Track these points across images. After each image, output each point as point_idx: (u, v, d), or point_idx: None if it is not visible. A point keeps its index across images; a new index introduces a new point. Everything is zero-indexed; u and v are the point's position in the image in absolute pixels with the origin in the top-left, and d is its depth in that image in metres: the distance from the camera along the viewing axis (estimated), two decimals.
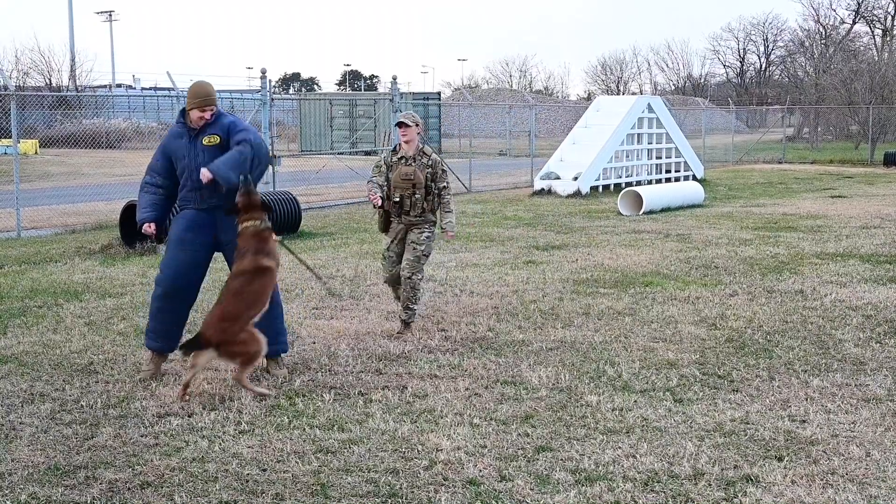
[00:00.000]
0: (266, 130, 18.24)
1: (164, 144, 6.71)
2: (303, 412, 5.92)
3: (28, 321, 8.38)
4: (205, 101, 6.56)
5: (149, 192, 6.72)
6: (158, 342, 6.72)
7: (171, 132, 6.73)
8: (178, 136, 6.66)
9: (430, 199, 7.77)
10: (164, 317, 6.70)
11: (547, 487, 4.77)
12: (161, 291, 6.68)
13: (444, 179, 7.79)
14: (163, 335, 6.72)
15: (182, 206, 6.75)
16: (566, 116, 54.21)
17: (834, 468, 5.01)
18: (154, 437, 5.48)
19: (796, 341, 7.66)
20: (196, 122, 6.59)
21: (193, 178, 6.57)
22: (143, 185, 6.74)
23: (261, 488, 4.76)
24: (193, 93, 6.59)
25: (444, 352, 7.35)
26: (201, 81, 6.74)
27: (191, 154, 6.59)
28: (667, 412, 5.91)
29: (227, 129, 6.62)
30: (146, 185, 6.73)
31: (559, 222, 16.20)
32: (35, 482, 4.84)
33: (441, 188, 7.78)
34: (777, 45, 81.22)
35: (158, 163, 6.71)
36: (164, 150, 6.69)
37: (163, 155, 6.69)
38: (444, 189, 7.79)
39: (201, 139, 6.59)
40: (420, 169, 7.70)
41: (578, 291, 9.70)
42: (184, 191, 6.69)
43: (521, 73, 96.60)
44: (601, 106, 24.34)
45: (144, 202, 6.72)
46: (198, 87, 6.64)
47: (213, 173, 6.38)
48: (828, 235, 14.12)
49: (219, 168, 6.39)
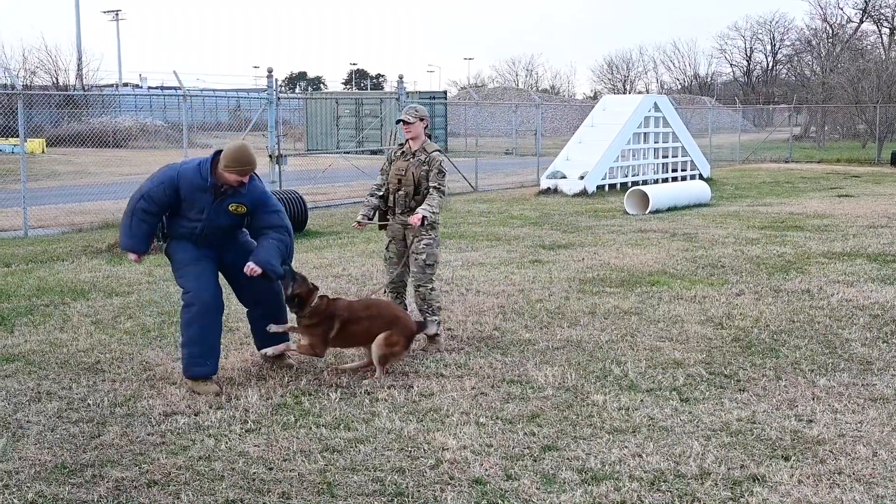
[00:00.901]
0: (272, 129, 18.24)
1: (180, 188, 6.30)
2: (309, 411, 5.92)
3: (35, 320, 8.40)
4: (247, 168, 6.28)
5: (146, 220, 6.37)
6: (209, 364, 6.39)
7: (191, 181, 6.30)
8: (201, 190, 6.29)
9: (419, 198, 7.43)
10: (207, 336, 6.39)
11: (553, 487, 4.77)
12: (198, 309, 6.35)
13: (437, 179, 7.36)
14: (210, 355, 6.42)
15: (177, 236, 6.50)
16: (572, 115, 54.18)
17: (841, 468, 5.00)
18: (161, 436, 5.49)
19: (803, 341, 7.64)
20: (227, 184, 6.31)
21: (209, 232, 6.42)
22: (137, 210, 6.35)
23: (267, 487, 4.77)
24: (236, 158, 6.23)
25: (450, 351, 7.35)
26: (245, 145, 6.39)
27: (211, 213, 6.36)
28: (673, 411, 5.90)
29: (255, 204, 6.43)
30: (143, 212, 6.35)
31: (565, 221, 16.19)
32: (42, 480, 4.85)
33: (433, 186, 7.37)
34: (784, 44, 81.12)
35: (165, 197, 6.32)
36: (177, 192, 6.31)
37: (174, 193, 6.31)
38: (434, 188, 7.36)
39: (227, 204, 6.36)
40: (415, 166, 7.41)
41: (584, 290, 9.69)
42: (187, 230, 6.44)
43: (528, 72, 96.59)
44: (607, 105, 24.32)
45: (140, 231, 6.39)
46: (242, 153, 6.28)
47: (262, 268, 6.30)
48: (835, 235, 14.08)
49: (268, 263, 6.33)
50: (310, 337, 6.68)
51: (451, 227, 15.25)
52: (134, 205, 6.40)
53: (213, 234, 6.50)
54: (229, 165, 6.24)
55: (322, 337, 6.67)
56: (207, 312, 6.38)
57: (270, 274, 6.37)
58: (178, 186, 6.31)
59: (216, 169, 6.30)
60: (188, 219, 6.43)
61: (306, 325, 6.68)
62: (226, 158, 6.25)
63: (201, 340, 6.37)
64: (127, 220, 6.43)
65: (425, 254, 7.47)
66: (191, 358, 6.36)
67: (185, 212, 6.41)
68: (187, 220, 6.43)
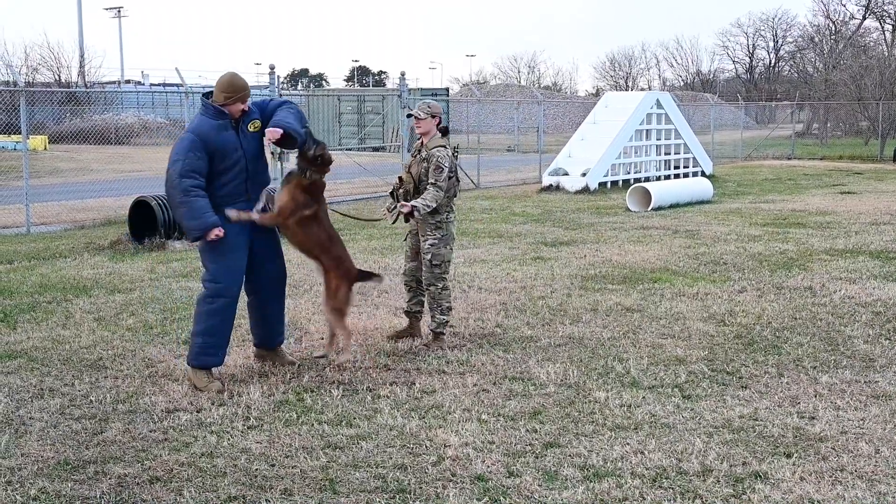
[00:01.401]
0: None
1: (206, 142, 6.20)
2: (311, 408, 5.93)
3: (37, 316, 8.41)
4: (246, 92, 6.33)
5: (200, 195, 6.15)
6: (219, 355, 6.43)
7: (207, 127, 6.25)
8: (222, 129, 6.26)
9: (419, 195, 7.35)
10: (226, 328, 6.42)
11: (555, 483, 4.77)
12: (225, 302, 6.35)
13: (434, 175, 7.26)
14: (223, 346, 6.46)
15: (226, 202, 6.34)
16: (574, 112, 54.16)
17: (843, 465, 5.00)
18: (163, 433, 5.49)
19: (805, 338, 7.64)
20: (237, 114, 6.33)
21: (250, 167, 6.38)
22: (186, 189, 6.11)
23: (269, 483, 4.78)
24: (234, 86, 6.27)
25: (452, 348, 7.35)
26: (234, 73, 6.44)
27: (243, 145, 6.34)
28: (675, 408, 5.90)
29: (260, 110, 6.49)
30: (194, 188, 6.13)
31: (567, 218, 16.18)
32: (44, 477, 4.86)
33: (430, 182, 7.27)
34: (786, 41, 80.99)
35: (201, 162, 6.16)
36: (205, 147, 6.19)
37: (205, 153, 6.18)
38: (432, 183, 7.26)
39: (246, 127, 6.37)
40: (417, 163, 7.40)
41: (587, 287, 9.69)
42: (232, 184, 6.33)
43: (530, 68, 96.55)
44: (610, 102, 24.30)
45: (202, 206, 6.14)
46: (236, 79, 6.34)
47: (283, 128, 6.25)
48: (837, 232, 14.08)
49: (288, 123, 6.30)
50: (288, 197, 6.54)
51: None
52: (180, 188, 6.13)
53: (255, 170, 6.43)
54: (230, 96, 6.26)
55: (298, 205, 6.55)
56: (231, 306, 6.41)
57: (293, 133, 6.30)
58: (205, 142, 6.21)
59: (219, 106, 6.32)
60: (226, 172, 6.30)
61: (296, 185, 6.57)
62: (224, 92, 6.27)
63: (221, 332, 6.39)
64: (183, 208, 6.17)
65: (430, 253, 7.43)
66: (204, 347, 6.35)
67: (220, 166, 6.27)
68: (226, 174, 6.30)
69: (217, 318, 6.36)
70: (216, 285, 6.36)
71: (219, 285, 6.36)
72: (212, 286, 6.37)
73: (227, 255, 6.37)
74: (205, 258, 6.46)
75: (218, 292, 6.36)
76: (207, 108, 6.34)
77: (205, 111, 6.35)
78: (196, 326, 6.42)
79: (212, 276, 6.39)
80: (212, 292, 6.36)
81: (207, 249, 6.37)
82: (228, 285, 6.39)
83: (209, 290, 6.38)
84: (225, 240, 6.28)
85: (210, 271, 6.41)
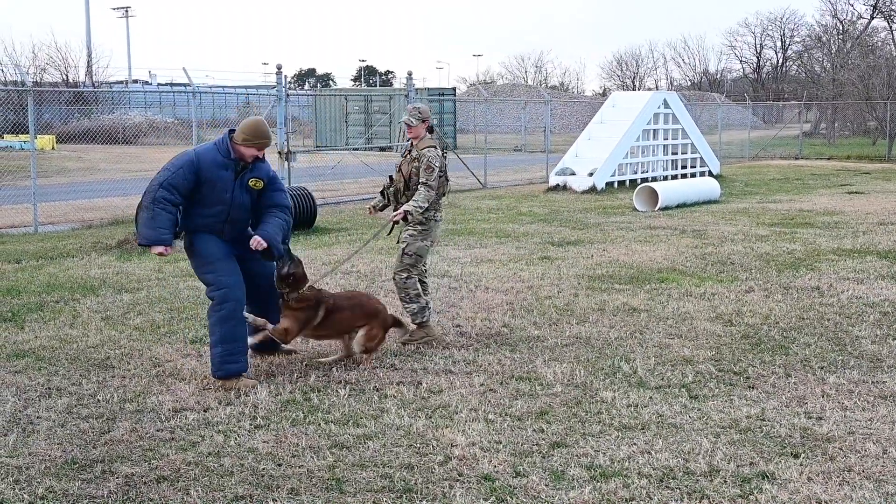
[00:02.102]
0: (281, 126, 18.26)
1: (201, 169, 6.28)
2: (318, 407, 5.93)
3: (45, 316, 8.43)
4: (264, 142, 6.40)
5: (167, 210, 6.23)
6: (241, 361, 6.43)
7: (211, 160, 6.34)
8: (222, 168, 6.34)
9: (410, 194, 7.43)
10: (239, 331, 6.43)
11: (562, 483, 4.77)
12: (232, 306, 6.39)
13: (424, 175, 7.33)
14: (243, 351, 6.47)
15: (198, 230, 6.45)
16: (582, 112, 54.13)
17: (850, 465, 4.99)
18: (170, 432, 5.50)
19: (813, 338, 7.62)
20: (247, 159, 6.38)
21: (234, 213, 6.44)
22: (158, 199, 6.20)
23: (276, 483, 4.78)
24: (255, 131, 6.35)
25: (458, 347, 7.35)
26: (261, 120, 6.51)
27: (234, 191, 6.40)
28: (682, 408, 5.89)
29: (268, 179, 6.55)
30: (164, 201, 6.21)
31: (574, 218, 16.17)
32: (52, 476, 4.87)
33: (420, 182, 7.34)
34: (794, 41, 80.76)
35: (185, 182, 6.25)
36: (198, 174, 6.27)
37: (195, 177, 6.27)
38: (423, 183, 7.33)
39: (247, 179, 6.43)
40: (407, 163, 7.47)
41: (593, 287, 9.68)
42: (209, 219, 6.41)
43: (537, 68, 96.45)
44: (617, 101, 24.27)
45: (163, 221, 6.22)
46: (259, 126, 6.40)
47: (267, 242, 6.38)
48: (845, 232, 14.04)
49: (273, 238, 6.42)
50: (290, 321, 6.68)
51: (460, 224, 15.25)
52: (154, 195, 6.22)
53: (237, 218, 6.50)
54: (248, 139, 6.33)
55: (301, 323, 6.71)
56: (238, 309, 6.45)
57: (273, 249, 6.44)
58: (199, 168, 6.28)
59: (233, 145, 6.37)
60: (209, 206, 6.37)
61: (291, 309, 6.69)
62: (244, 133, 6.33)
63: (235, 337, 6.40)
64: (147, 213, 6.26)
65: (406, 243, 7.50)
66: (224, 356, 6.35)
67: (205, 197, 6.35)
68: (208, 207, 6.38)
69: (230, 324, 6.38)
70: (220, 291, 6.41)
71: (222, 291, 6.40)
72: (216, 294, 6.42)
73: (218, 263, 6.44)
74: (200, 273, 6.55)
75: (223, 298, 6.40)
76: (222, 143, 6.41)
77: (219, 144, 6.43)
78: (212, 338, 6.44)
79: (213, 285, 6.44)
80: (218, 299, 6.42)
81: (198, 264, 6.50)
82: (231, 287, 6.42)
83: (215, 298, 6.43)
84: (207, 251, 6.42)
85: (210, 281, 6.47)
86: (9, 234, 14.51)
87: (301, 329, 6.73)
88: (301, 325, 6.71)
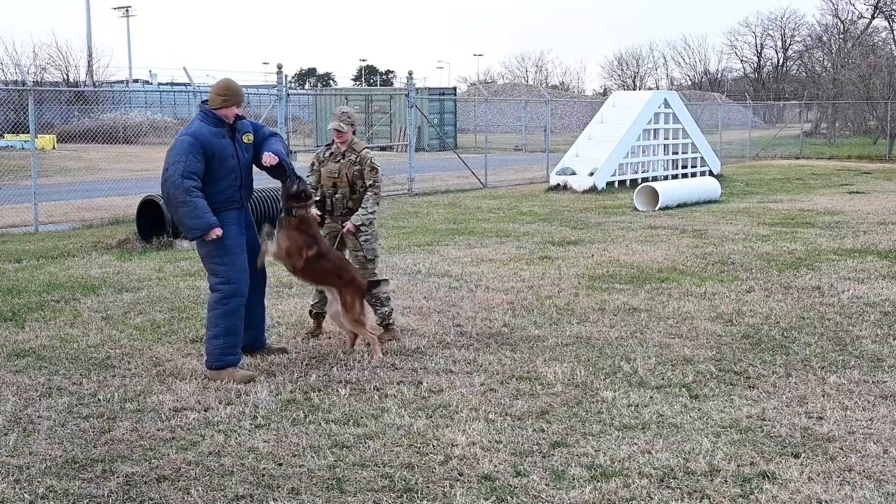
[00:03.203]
0: (282, 125, 18.26)
1: (204, 145, 6.35)
2: (318, 407, 5.93)
3: (46, 315, 8.43)
4: (241, 96, 6.59)
5: (200, 196, 6.31)
6: (237, 353, 6.62)
7: (208, 133, 6.41)
8: (220, 136, 6.45)
9: (356, 197, 7.44)
10: (240, 325, 6.61)
11: (562, 483, 4.77)
12: (239, 302, 6.54)
13: (371, 177, 7.38)
14: (239, 343, 6.66)
15: (221, 208, 6.48)
16: (582, 112, 54.12)
17: (851, 465, 4.98)
18: (170, 431, 5.50)
19: (813, 338, 7.62)
20: (231, 117, 6.53)
21: (244, 175, 6.59)
22: (188, 189, 6.26)
23: (276, 482, 4.78)
24: (229, 89, 6.54)
25: (459, 347, 7.35)
26: (228, 78, 6.74)
27: (237, 154, 6.53)
28: (682, 408, 5.89)
29: (253, 129, 6.72)
30: (194, 189, 6.28)
31: (575, 218, 16.17)
32: (52, 475, 4.87)
33: (368, 185, 7.40)
34: (795, 40, 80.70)
35: (199, 164, 6.31)
36: (204, 151, 6.34)
37: (203, 156, 6.34)
38: (370, 186, 7.39)
39: (240, 137, 6.59)
40: (347, 167, 7.42)
41: (594, 287, 9.68)
42: (227, 191, 6.50)
43: (537, 68, 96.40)
44: (617, 101, 24.27)
45: (203, 207, 6.31)
46: (232, 84, 6.62)
47: (279, 157, 6.55)
48: (845, 231, 14.04)
49: (281, 153, 6.61)
50: (288, 240, 6.81)
51: (461, 224, 15.25)
52: (183, 188, 6.27)
53: (248, 180, 6.67)
54: (227, 98, 6.51)
55: (298, 245, 6.80)
56: (243, 304, 6.61)
57: (284, 164, 6.61)
58: (203, 145, 6.38)
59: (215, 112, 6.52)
60: (221, 178, 6.47)
61: (293, 229, 6.81)
62: (221, 95, 6.52)
63: (236, 331, 6.58)
64: (186, 207, 6.30)
65: (364, 250, 7.50)
66: (225, 348, 6.51)
67: (216, 171, 6.43)
68: (221, 180, 6.48)
69: (234, 318, 6.54)
70: (230, 286, 6.50)
71: (232, 286, 6.51)
72: (226, 288, 6.50)
73: (232, 256, 6.52)
74: (212, 262, 6.56)
75: (232, 293, 6.51)
76: (206, 115, 6.53)
77: (203, 117, 6.53)
78: (214, 329, 6.51)
79: (224, 279, 6.51)
80: (226, 293, 6.50)
81: (214, 253, 6.50)
82: (240, 285, 6.55)
83: (224, 292, 6.50)
84: (229, 241, 6.48)
85: (220, 274, 6.52)
86: (9, 233, 14.51)
87: (297, 252, 6.80)
88: (298, 248, 6.80)
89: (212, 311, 6.55)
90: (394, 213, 16.90)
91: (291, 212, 6.82)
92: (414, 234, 14.00)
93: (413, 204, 18.62)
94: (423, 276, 10.24)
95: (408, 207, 17.92)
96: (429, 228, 14.68)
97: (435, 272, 10.48)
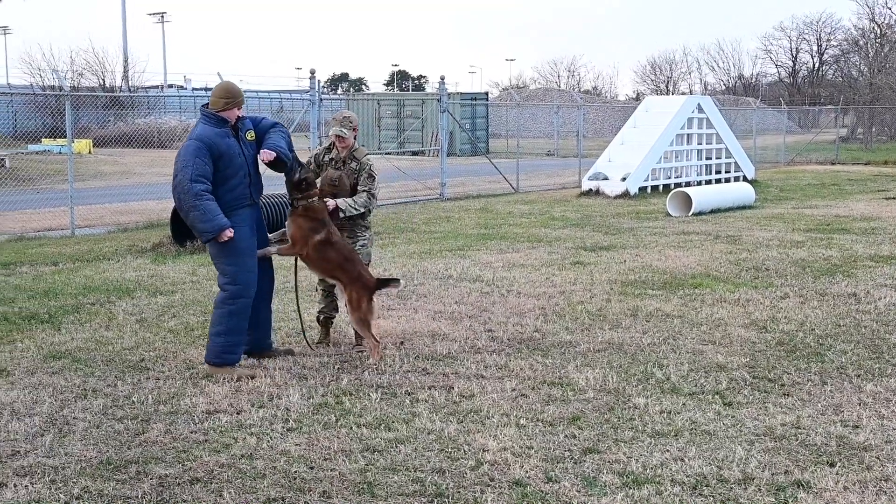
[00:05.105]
0: (315, 130, 18.36)
1: (211, 147, 6.50)
2: (350, 411, 5.95)
3: (81, 318, 8.52)
4: (241, 97, 6.76)
5: (210, 199, 6.47)
6: (238, 352, 6.79)
7: (212, 135, 6.55)
8: (225, 137, 6.62)
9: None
10: (244, 325, 6.77)
11: (594, 490, 4.75)
12: (245, 302, 6.70)
13: (367, 183, 7.37)
14: (241, 342, 6.82)
15: (233, 206, 6.64)
16: (615, 117, 53.85)
17: (888, 474, 4.92)
18: (203, 434, 5.54)
19: (849, 345, 7.53)
20: (233, 119, 6.69)
21: (252, 171, 6.75)
22: (198, 193, 6.42)
23: (308, 486, 4.80)
24: (230, 92, 6.72)
25: (490, 352, 7.35)
26: (228, 81, 6.99)
27: (243, 152, 6.70)
28: (716, 415, 5.84)
29: (254, 125, 6.88)
30: (204, 192, 6.45)
31: (607, 223, 16.10)
32: (87, 476, 4.92)
33: (362, 189, 7.36)
34: (830, 45, 79.87)
35: (207, 167, 6.47)
36: (211, 153, 6.50)
37: (210, 159, 6.49)
38: (366, 191, 7.37)
39: (244, 135, 6.75)
40: (347, 174, 7.40)
41: (626, 293, 9.63)
42: (237, 189, 6.66)
43: (570, 73, 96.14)
44: (650, 106, 24.15)
45: (213, 209, 6.45)
46: (233, 87, 6.80)
47: (276, 151, 6.66)
48: (882, 237, 13.87)
49: (278, 147, 6.70)
50: (295, 228, 6.94)
51: (492, 229, 15.24)
52: (194, 192, 6.43)
53: (256, 178, 6.82)
54: (229, 101, 6.66)
55: (305, 232, 6.92)
56: (249, 305, 6.77)
57: (283, 157, 6.70)
58: (210, 147, 6.53)
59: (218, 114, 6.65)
60: (231, 177, 6.63)
61: (300, 216, 6.95)
62: (222, 98, 6.66)
63: (239, 330, 6.74)
64: (197, 211, 6.46)
65: (361, 254, 7.43)
66: (226, 346, 6.68)
67: (225, 171, 6.60)
68: (231, 179, 6.64)
69: (238, 318, 6.71)
70: (236, 287, 6.67)
71: (239, 287, 6.67)
72: (233, 288, 6.67)
73: (242, 257, 6.68)
74: (221, 262, 6.72)
75: (238, 293, 6.68)
76: (209, 118, 6.68)
77: (206, 120, 6.68)
78: (217, 327, 6.70)
79: (231, 279, 6.68)
80: (233, 294, 6.67)
81: (224, 253, 6.66)
82: (247, 286, 6.71)
83: (230, 292, 6.68)
84: (239, 243, 6.62)
85: (228, 274, 6.69)
86: (46, 236, 14.70)
87: (305, 239, 6.92)
88: (305, 235, 6.91)
89: (217, 310, 6.74)
90: (426, 217, 16.92)
91: (295, 203, 6.98)
92: (445, 238, 14.01)
93: (445, 209, 18.63)
94: (455, 281, 10.24)
95: (439, 212, 17.93)
96: (460, 233, 14.69)
97: (466, 277, 10.48)
